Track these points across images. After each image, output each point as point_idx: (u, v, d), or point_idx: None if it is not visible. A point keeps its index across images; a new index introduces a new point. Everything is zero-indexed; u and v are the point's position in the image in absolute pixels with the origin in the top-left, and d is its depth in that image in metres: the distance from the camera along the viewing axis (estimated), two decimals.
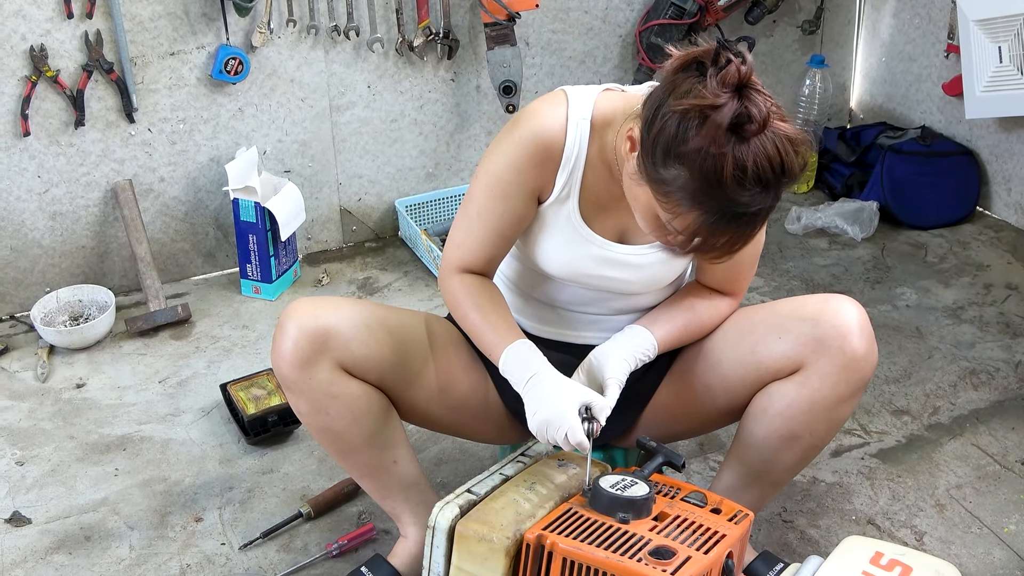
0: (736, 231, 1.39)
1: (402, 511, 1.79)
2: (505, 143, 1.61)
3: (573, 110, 1.58)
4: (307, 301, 1.67)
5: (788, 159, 1.36)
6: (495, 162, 1.61)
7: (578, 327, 1.76)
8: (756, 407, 1.69)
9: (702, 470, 2.16)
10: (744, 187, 1.34)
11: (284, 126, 2.87)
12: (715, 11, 3.08)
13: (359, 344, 1.64)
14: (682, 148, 1.35)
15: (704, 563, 1.41)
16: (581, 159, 1.59)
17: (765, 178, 1.34)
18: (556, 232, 1.65)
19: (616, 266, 1.66)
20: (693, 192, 1.37)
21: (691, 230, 1.40)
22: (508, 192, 1.60)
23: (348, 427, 1.67)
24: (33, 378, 2.50)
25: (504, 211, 1.62)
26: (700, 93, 1.35)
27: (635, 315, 1.76)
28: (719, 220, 1.38)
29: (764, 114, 1.35)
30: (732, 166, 1.33)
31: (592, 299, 1.73)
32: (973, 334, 2.62)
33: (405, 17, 2.85)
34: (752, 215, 1.38)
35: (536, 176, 1.60)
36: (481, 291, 1.66)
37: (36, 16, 2.51)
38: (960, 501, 2.07)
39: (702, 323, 1.73)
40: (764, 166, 1.34)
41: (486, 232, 1.64)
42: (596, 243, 1.65)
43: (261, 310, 2.78)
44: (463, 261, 1.67)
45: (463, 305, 1.66)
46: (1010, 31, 2.81)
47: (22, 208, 2.68)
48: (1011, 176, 3.12)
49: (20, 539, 2.01)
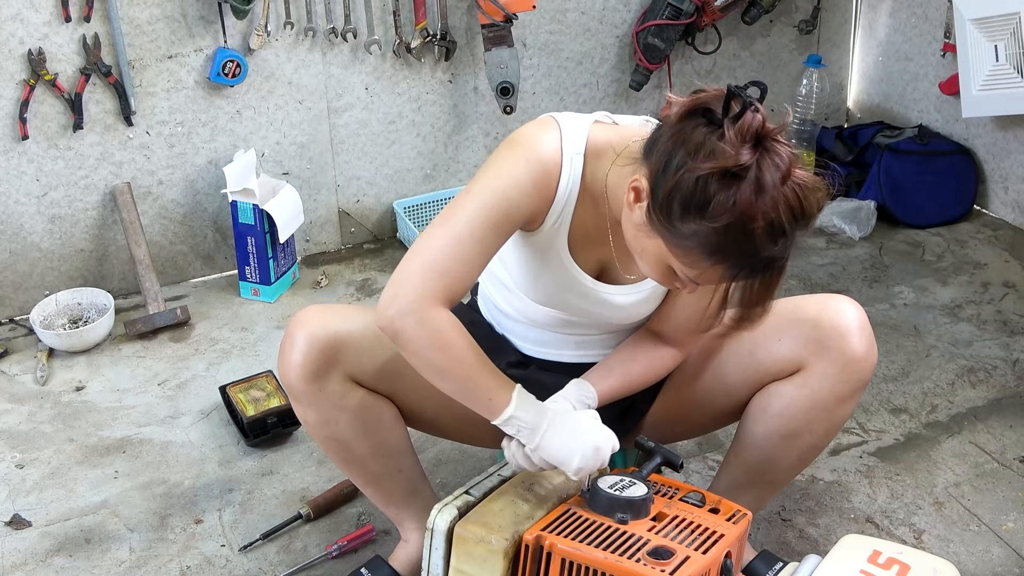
0: (762, 281, 1.37)
1: (405, 517, 1.78)
2: (508, 161, 1.48)
3: (567, 143, 1.49)
4: (317, 310, 1.62)
5: (808, 206, 1.32)
6: (496, 179, 1.47)
7: (567, 347, 1.72)
8: (755, 407, 1.69)
9: (701, 470, 2.16)
10: (771, 239, 1.31)
11: (282, 128, 2.88)
12: (712, 11, 3.09)
13: (371, 356, 1.60)
14: (704, 205, 1.30)
15: (703, 563, 1.41)
16: (574, 194, 1.51)
17: (789, 229, 1.31)
18: (543, 265, 1.58)
19: (598, 303, 1.62)
20: (716, 246, 1.32)
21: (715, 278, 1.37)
22: (509, 216, 1.47)
23: (356, 437, 1.65)
24: (33, 381, 2.51)
25: (497, 239, 1.48)
26: (719, 150, 1.29)
27: (619, 334, 1.72)
28: (743, 272, 1.35)
29: (787, 165, 1.31)
30: (762, 220, 1.29)
31: (575, 323, 1.68)
32: (971, 332, 2.62)
33: (402, 19, 2.85)
34: (774, 262, 1.35)
35: (534, 202, 1.49)
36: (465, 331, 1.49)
37: (34, 20, 2.51)
38: (958, 499, 2.08)
39: (645, 377, 1.68)
40: (788, 217, 1.30)
41: (479, 255, 1.47)
42: (581, 279, 1.59)
43: (260, 312, 2.79)
44: (450, 291, 1.45)
45: (457, 344, 1.47)
46: (1006, 30, 2.82)
47: (21, 211, 2.68)
48: (1008, 174, 3.13)
49: (20, 542, 2.01)
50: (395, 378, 1.64)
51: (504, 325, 1.76)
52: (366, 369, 1.61)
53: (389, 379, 1.64)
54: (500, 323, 1.76)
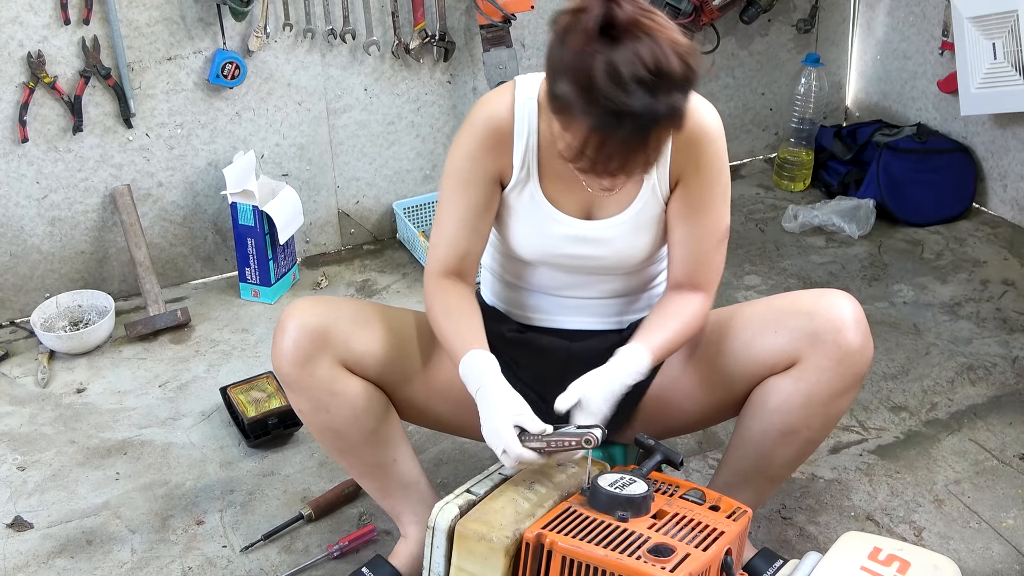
0: (626, 136, 1.40)
1: (402, 510, 1.80)
2: (459, 138, 1.67)
3: (520, 92, 1.63)
4: (306, 300, 1.69)
5: (665, 61, 1.37)
6: (452, 158, 1.67)
7: (566, 312, 1.78)
8: (754, 402, 1.70)
9: (701, 468, 2.16)
10: (621, 88, 1.36)
11: (281, 130, 2.88)
12: (710, 11, 3.09)
13: (358, 341, 1.66)
14: (562, 61, 1.41)
15: (703, 560, 1.42)
16: (533, 138, 1.63)
17: (640, 78, 1.36)
18: (524, 215, 1.68)
19: (585, 243, 1.69)
20: (578, 102, 1.40)
21: (582, 137, 1.43)
22: (468, 181, 1.65)
23: (348, 425, 1.68)
24: (34, 383, 2.51)
25: (467, 202, 1.65)
26: (573, 4, 1.42)
27: (619, 299, 1.77)
28: (605, 125, 1.39)
29: (630, 15, 1.38)
30: (603, 66, 1.36)
31: (573, 283, 1.74)
32: (970, 330, 2.63)
33: (401, 20, 2.85)
34: (636, 117, 1.38)
35: (491, 160, 1.64)
36: (452, 297, 1.68)
37: (33, 23, 2.52)
38: (958, 496, 2.08)
39: (685, 321, 1.69)
40: (637, 66, 1.36)
41: (454, 226, 1.67)
42: (563, 222, 1.68)
43: (260, 313, 2.79)
44: (439, 262, 1.69)
45: (433, 310, 1.68)
46: (1004, 27, 2.82)
47: (21, 214, 2.69)
48: (1007, 172, 3.13)
49: (22, 544, 2.02)
50: (385, 365, 1.69)
51: (504, 297, 1.81)
52: (355, 354, 1.66)
53: (379, 366, 1.69)
54: (501, 297, 1.82)
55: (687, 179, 1.67)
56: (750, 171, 3.53)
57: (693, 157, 1.65)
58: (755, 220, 3.22)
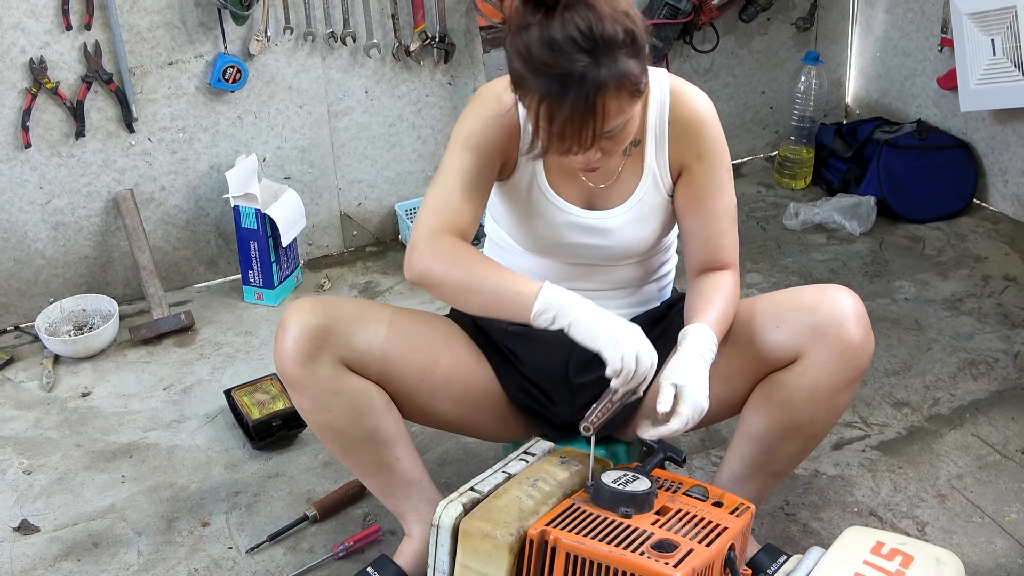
0: (575, 102, 1.42)
1: (405, 509, 1.80)
2: (469, 110, 1.68)
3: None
4: (308, 299, 1.70)
5: (600, 26, 1.41)
6: (462, 125, 1.66)
7: None
8: (756, 398, 1.70)
9: (704, 465, 2.17)
10: (558, 52, 1.41)
11: (283, 133, 2.89)
12: (709, 10, 3.10)
13: (359, 339, 1.67)
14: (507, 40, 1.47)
15: (706, 556, 1.42)
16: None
17: (576, 41, 1.41)
18: (529, 205, 1.70)
19: (591, 232, 1.71)
20: (525, 75, 1.45)
21: (535, 111, 1.46)
22: (480, 144, 1.63)
23: (350, 424, 1.69)
24: (39, 388, 2.52)
25: (478, 161, 1.63)
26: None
27: (621, 290, 1.79)
28: (549, 91, 1.43)
29: None
30: (537, 35, 1.42)
31: (577, 274, 1.76)
32: (972, 325, 2.63)
33: (401, 22, 2.86)
34: (578, 81, 1.41)
35: (501, 135, 1.64)
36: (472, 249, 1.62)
37: (35, 28, 2.53)
38: (961, 491, 2.08)
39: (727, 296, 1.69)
40: (571, 30, 1.41)
41: (464, 183, 1.62)
42: (567, 210, 1.70)
43: (264, 316, 2.80)
44: (446, 220, 1.61)
45: (470, 255, 1.59)
46: (1003, 24, 2.83)
47: (24, 219, 2.70)
48: (1007, 168, 3.13)
49: (29, 547, 2.03)
50: (386, 363, 1.69)
51: None
52: (357, 352, 1.67)
53: (380, 364, 1.69)
54: None
55: (691, 168, 1.68)
56: (751, 169, 3.54)
57: (693, 145, 1.67)
58: (756, 218, 3.22)
